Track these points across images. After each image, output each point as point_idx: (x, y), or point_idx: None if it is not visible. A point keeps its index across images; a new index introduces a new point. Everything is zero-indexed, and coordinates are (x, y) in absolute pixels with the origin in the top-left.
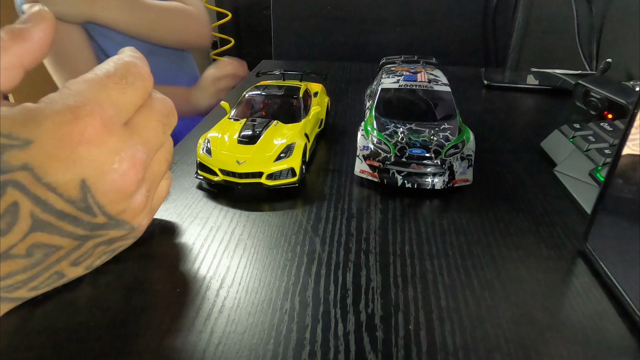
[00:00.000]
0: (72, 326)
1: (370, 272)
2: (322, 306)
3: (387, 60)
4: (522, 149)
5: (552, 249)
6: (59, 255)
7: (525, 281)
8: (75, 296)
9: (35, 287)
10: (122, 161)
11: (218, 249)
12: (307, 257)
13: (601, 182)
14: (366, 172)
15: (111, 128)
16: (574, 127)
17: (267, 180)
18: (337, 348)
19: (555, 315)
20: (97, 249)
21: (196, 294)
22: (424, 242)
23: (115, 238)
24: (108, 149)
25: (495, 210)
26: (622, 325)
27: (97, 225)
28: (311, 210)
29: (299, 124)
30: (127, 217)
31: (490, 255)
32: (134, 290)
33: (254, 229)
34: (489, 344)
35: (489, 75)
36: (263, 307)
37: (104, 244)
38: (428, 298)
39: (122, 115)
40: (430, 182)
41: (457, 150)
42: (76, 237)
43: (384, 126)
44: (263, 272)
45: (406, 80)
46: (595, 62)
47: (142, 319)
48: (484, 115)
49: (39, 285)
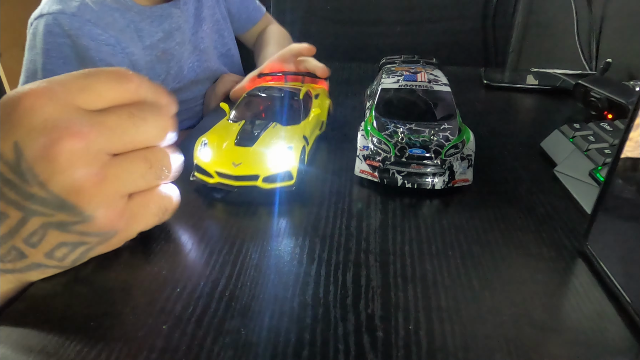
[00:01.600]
0: (72, 326)
1: (370, 272)
2: (322, 306)
3: (387, 60)
4: (522, 149)
5: (552, 249)
6: (9, 225)
7: (525, 281)
8: (75, 297)
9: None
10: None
11: (217, 250)
12: (307, 257)
13: (601, 182)
14: (366, 172)
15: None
16: (574, 127)
17: (264, 183)
18: (337, 348)
19: (555, 315)
20: (49, 232)
21: (194, 294)
22: (424, 242)
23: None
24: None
25: (495, 210)
26: (622, 325)
27: (35, 196)
28: (311, 210)
29: (297, 126)
30: (75, 200)
31: (490, 255)
32: (127, 291)
33: (253, 230)
34: (489, 344)
35: (489, 75)
36: (262, 307)
37: (56, 228)
38: (428, 298)
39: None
40: (430, 182)
41: (457, 150)
42: (18, 207)
43: (384, 126)
44: (262, 273)
45: (406, 80)
46: (595, 62)
47: (140, 320)
48: (484, 115)
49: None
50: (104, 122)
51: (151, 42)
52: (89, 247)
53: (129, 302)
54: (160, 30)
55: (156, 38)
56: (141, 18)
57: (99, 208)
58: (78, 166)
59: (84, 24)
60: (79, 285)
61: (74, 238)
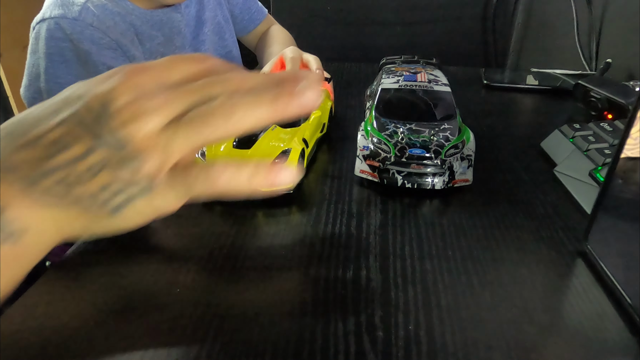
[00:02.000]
0: (73, 326)
1: (370, 272)
2: (322, 306)
3: (387, 61)
4: (522, 149)
5: (552, 249)
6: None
7: (525, 281)
8: (75, 297)
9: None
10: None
11: (217, 250)
12: (307, 257)
13: (601, 182)
14: (366, 172)
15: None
16: (574, 127)
17: None
18: (337, 348)
19: (555, 315)
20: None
21: (194, 294)
22: (424, 242)
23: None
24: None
25: (495, 210)
26: (622, 325)
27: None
28: (311, 210)
29: (297, 129)
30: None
31: (490, 255)
32: (127, 291)
33: (252, 230)
34: (489, 344)
35: (489, 76)
36: (263, 307)
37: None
38: (428, 298)
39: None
40: (430, 182)
41: (457, 150)
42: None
43: (384, 126)
44: (262, 273)
45: (406, 81)
46: (595, 62)
47: (140, 320)
48: (484, 115)
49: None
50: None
51: (151, 46)
52: (130, 196)
53: (128, 302)
54: (160, 34)
55: (156, 42)
56: (142, 22)
57: (150, 154)
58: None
59: (85, 28)
60: (79, 286)
61: (122, 181)
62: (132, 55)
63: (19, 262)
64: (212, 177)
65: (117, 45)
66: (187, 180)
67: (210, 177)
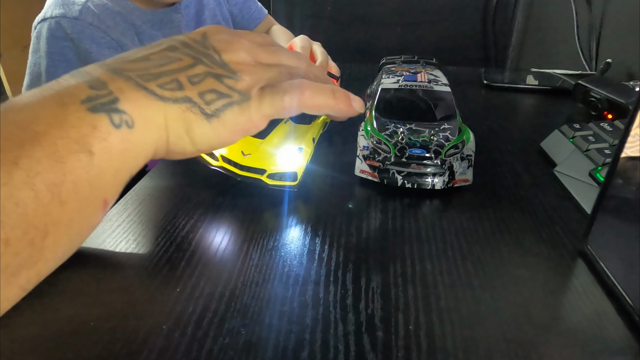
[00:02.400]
0: (73, 326)
1: (370, 272)
2: (321, 306)
3: (387, 60)
4: (522, 149)
5: (552, 249)
6: (179, 65)
7: (525, 281)
8: (76, 293)
9: (161, 85)
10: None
11: (216, 250)
12: (307, 257)
13: (601, 182)
14: (366, 172)
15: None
16: (574, 127)
17: (268, 179)
18: (337, 348)
19: (555, 315)
20: (207, 79)
21: (194, 294)
22: (424, 242)
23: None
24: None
25: (495, 210)
26: (622, 325)
27: (208, 55)
28: (311, 210)
29: (308, 126)
30: (234, 65)
31: (490, 255)
32: (127, 291)
33: (252, 229)
34: (489, 344)
35: (488, 76)
36: (262, 307)
37: (213, 77)
38: (428, 298)
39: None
40: (430, 182)
41: (457, 150)
42: (192, 57)
43: (384, 126)
44: (262, 273)
45: (406, 81)
46: (595, 62)
47: (142, 315)
48: (484, 115)
49: (164, 84)
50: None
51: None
52: (230, 102)
53: (128, 302)
54: (160, 34)
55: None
56: (142, 22)
57: (245, 74)
58: (242, 51)
59: (85, 27)
60: (79, 286)
61: (222, 88)
62: None
63: (130, 153)
64: (300, 90)
65: (118, 44)
66: (277, 91)
67: (299, 89)
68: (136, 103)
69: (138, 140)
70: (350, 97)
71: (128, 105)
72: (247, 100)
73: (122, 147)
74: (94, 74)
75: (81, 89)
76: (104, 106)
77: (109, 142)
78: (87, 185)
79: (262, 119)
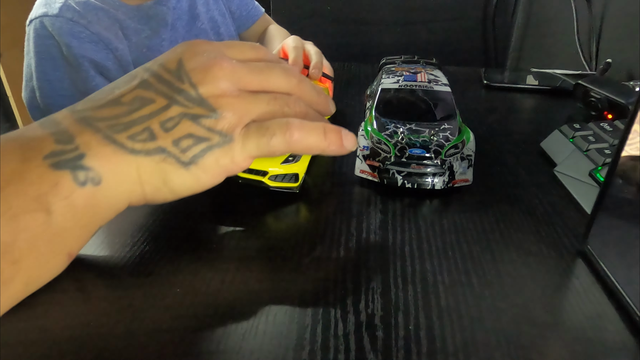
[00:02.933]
0: (73, 326)
1: (370, 272)
2: (322, 306)
3: (387, 61)
4: (522, 149)
5: (552, 249)
6: (152, 109)
7: (525, 281)
8: (75, 293)
9: (132, 136)
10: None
11: (216, 250)
12: (307, 257)
13: (601, 182)
14: (366, 172)
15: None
16: (574, 127)
17: (270, 181)
18: (337, 348)
19: (555, 315)
20: (183, 121)
21: (194, 294)
22: (424, 242)
23: (200, 117)
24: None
25: (495, 210)
26: (622, 325)
27: (184, 92)
28: (311, 210)
29: None
30: (213, 101)
31: (490, 255)
32: (127, 291)
33: (252, 229)
34: (489, 344)
35: (489, 75)
36: (263, 307)
37: (190, 119)
38: (428, 298)
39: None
40: (430, 182)
41: (457, 150)
42: (166, 97)
43: (384, 126)
44: (262, 272)
45: (406, 81)
46: (595, 62)
47: (142, 315)
48: (484, 115)
49: (135, 135)
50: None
51: (138, 40)
52: (209, 146)
53: (128, 302)
54: (147, 28)
55: (143, 35)
56: (127, 17)
57: (227, 111)
58: (223, 80)
59: (65, 23)
60: (77, 286)
61: (200, 132)
62: (115, 48)
63: (95, 210)
64: (289, 130)
65: (99, 38)
66: (263, 132)
67: (287, 130)
68: (105, 159)
69: (106, 196)
70: (342, 136)
71: (95, 161)
72: (229, 142)
73: (88, 204)
74: (62, 125)
75: (46, 143)
76: (68, 163)
77: (71, 200)
78: (45, 242)
79: (247, 159)
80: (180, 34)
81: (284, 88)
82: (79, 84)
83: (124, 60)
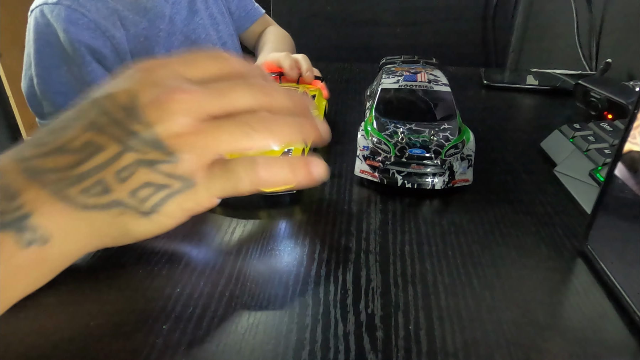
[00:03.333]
0: (73, 326)
1: (370, 272)
2: (322, 306)
3: (387, 61)
4: (522, 149)
5: (552, 249)
6: (104, 158)
7: (525, 281)
8: (76, 297)
9: (85, 191)
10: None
11: (216, 250)
12: (307, 257)
13: (601, 182)
14: (366, 172)
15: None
16: (574, 127)
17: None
18: (337, 348)
19: (555, 315)
20: (139, 170)
21: (194, 294)
22: (424, 242)
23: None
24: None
25: (495, 210)
26: (622, 325)
27: (137, 134)
28: (311, 210)
29: None
30: (170, 142)
31: (490, 255)
32: (127, 291)
33: (252, 230)
34: (489, 344)
35: (488, 75)
36: (262, 307)
37: (146, 166)
38: (428, 298)
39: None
40: (430, 182)
41: (457, 150)
42: (118, 141)
43: (384, 126)
44: (262, 273)
45: (406, 81)
46: (595, 62)
47: (142, 315)
48: (484, 115)
49: (87, 189)
50: (206, 86)
51: (135, 31)
52: (170, 192)
53: (128, 302)
54: (145, 20)
55: (141, 27)
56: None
57: (187, 153)
58: (181, 115)
59: (63, 10)
60: (77, 286)
61: (159, 179)
62: (112, 36)
63: (43, 268)
64: (254, 170)
65: (96, 25)
66: (227, 175)
67: (252, 171)
68: (54, 217)
69: (56, 253)
70: (309, 167)
71: (43, 220)
72: (191, 186)
73: (34, 262)
74: (7, 178)
75: None
76: (13, 223)
77: (15, 260)
78: None
79: (213, 200)
80: (178, 27)
81: (250, 105)
82: (75, 71)
83: (121, 49)
